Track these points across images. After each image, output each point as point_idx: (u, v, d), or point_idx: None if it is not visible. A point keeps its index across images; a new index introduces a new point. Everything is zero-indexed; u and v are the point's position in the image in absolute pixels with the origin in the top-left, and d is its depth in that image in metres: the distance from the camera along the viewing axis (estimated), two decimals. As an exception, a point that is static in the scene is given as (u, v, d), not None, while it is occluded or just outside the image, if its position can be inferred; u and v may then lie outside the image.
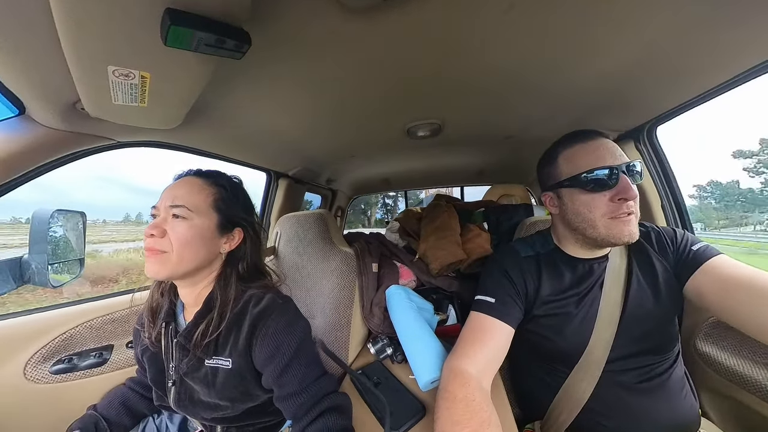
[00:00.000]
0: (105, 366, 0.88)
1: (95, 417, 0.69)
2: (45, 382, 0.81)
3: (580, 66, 0.69)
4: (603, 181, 0.63)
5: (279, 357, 0.61)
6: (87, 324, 0.89)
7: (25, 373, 0.79)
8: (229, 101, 0.75)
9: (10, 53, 0.46)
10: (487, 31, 0.57)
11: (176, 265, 0.59)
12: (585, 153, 0.66)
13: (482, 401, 0.56)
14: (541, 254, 0.77)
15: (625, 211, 0.62)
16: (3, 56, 0.46)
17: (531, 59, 0.66)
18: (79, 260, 1.05)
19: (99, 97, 0.55)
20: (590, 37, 0.59)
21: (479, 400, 0.56)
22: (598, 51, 0.64)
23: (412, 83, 0.74)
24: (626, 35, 0.59)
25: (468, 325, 0.71)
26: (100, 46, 0.44)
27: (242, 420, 0.68)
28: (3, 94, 0.54)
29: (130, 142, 0.79)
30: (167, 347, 0.66)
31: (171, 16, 0.40)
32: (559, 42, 0.60)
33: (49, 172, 0.71)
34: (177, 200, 0.61)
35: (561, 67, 0.69)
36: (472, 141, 1.24)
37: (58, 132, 0.65)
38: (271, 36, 0.53)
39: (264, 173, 1.43)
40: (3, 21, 0.41)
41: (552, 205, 0.75)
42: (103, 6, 0.38)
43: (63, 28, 0.40)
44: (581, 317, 0.69)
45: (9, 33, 0.43)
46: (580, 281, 0.72)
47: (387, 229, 1.61)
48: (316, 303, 1.03)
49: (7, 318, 0.82)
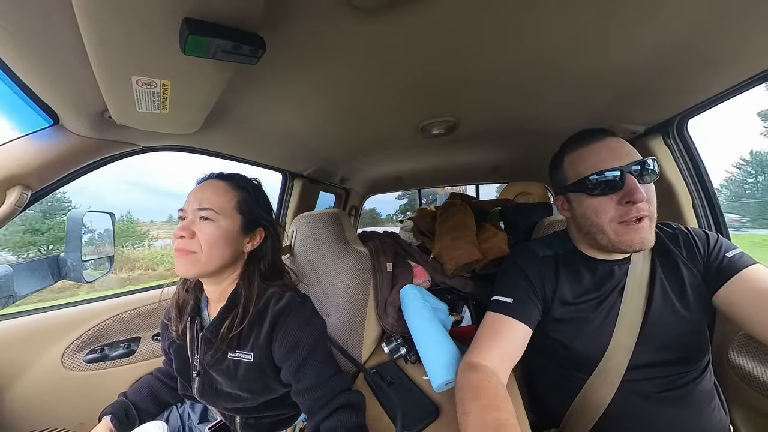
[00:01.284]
0: (133, 356, 0.94)
1: (125, 403, 0.74)
2: (80, 370, 0.88)
3: (604, 58, 0.65)
4: (609, 184, 0.60)
5: (297, 353, 0.63)
6: (117, 317, 0.95)
7: (63, 362, 0.86)
8: (246, 105, 0.76)
9: (44, 68, 0.49)
10: (503, 26, 0.55)
11: (205, 264, 0.63)
12: (587, 155, 0.64)
13: (497, 383, 0.57)
14: (560, 255, 0.74)
15: (635, 216, 0.59)
16: (37, 71, 0.50)
17: (551, 52, 0.63)
18: (109, 257, 1.12)
19: (124, 106, 0.58)
20: (615, 27, 0.56)
21: (494, 382, 0.57)
22: (624, 42, 0.60)
23: (426, 81, 0.73)
24: (655, 24, 0.55)
25: (484, 324, 0.70)
26: (124, 58, 0.46)
27: (260, 411, 0.71)
28: (38, 105, 0.58)
29: (153, 147, 0.83)
30: (192, 340, 0.70)
31: (189, 25, 0.41)
32: (581, 34, 0.57)
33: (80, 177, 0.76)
34: (204, 203, 0.64)
35: (583, 60, 0.66)
36: (488, 138, 1.21)
37: (88, 140, 0.69)
38: (284, 40, 0.54)
39: (280, 174, 1.45)
40: (36, 39, 0.44)
41: (564, 209, 0.73)
42: (125, 20, 0.39)
43: (89, 43, 0.42)
44: (599, 322, 0.66)
45: (42, 50, 0.46)
46: (599, 284, 0.69)
47: (401, 228, 1.61)
48: (331, 301, 1.04)
49: (46, 311, 0.89)
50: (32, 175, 0.67)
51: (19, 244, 12.73)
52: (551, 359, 0.74)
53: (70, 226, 0.96)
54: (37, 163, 0.66)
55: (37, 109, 0.59)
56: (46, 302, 0.97)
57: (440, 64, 0.66)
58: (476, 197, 2.12)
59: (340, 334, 0.97)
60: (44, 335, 0.85)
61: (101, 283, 1.04)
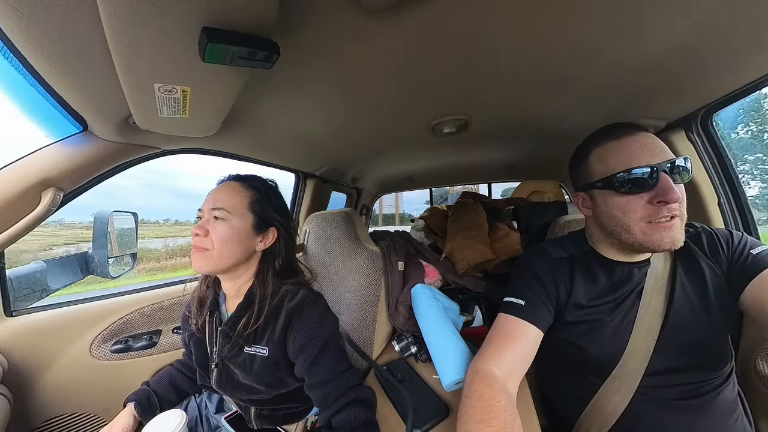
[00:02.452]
0: (154, 348, 1.00)
1: (148, 392, 0.78)
2: (106, 360, 0.93)
3: (622, 49, 0.62)
4: (640, 182, 0.57)
5: (310, 348, 0.65)
6: (140, 311, 1.00)
7: (91, 351, 0.92)
8: (260, 108, 0.78)
9: (74, 78, 0.52)
10: (516, 22, 0.54)
11: (217, 261, 0.66)
12: (619, 150, 0.60)
13: (507, 404, 0.54)
14: (575, 256, 0.72)
15: (666, 215, 0.56)
16: (68, 81, 0.53)
17: (566, 47, 0.61)
18: (132, 255, 1.19)
19: (147, 112, 0.61)
20: (633, 17, 0.53)
21: (504, 403, 0.54)
22: (643, 32, 0.57)
23: (436, 80, 0.72)
24: (677, 11, 0.52)
25: (495, 327, 0.69)
26: (147, 66, 0.48)
27: (274, 404, 0.74)
28: (69, 113, 0.62)
29: (174, 150, 0.86)
30: (211, 334, 0.73)
31: (208, 34, 0.43)
32: (597, 25, 0.55)
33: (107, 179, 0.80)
34: (217, 203, 0.67)
35: (600, 52, 0.63)
36: (501, 135, 1.19)
37: (114, 144, 0.73)
38: (297, 44, 0.55)
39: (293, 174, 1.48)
40: (67, 51, 0.46)
41: (585, 207, 0.70)
42: (149, 31, 0.41)
43: (116, 53, 0.45)
44: (615, 325, 0.64)
45: (72, 61, 0.49)
46: (616, 287, 0.66)
47: (412, 227, 1.61)
48: (343, 299, 1.06)
49: (76, 304, 0.95)
50: (64, 177, 0.72)
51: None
52: (565, 363, 0.72)
53: (96, 225, 1.01)
54: (69, 166, 0.70)
55: (68, 116, 0.63)
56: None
57: (451, 63, 0.65)
58: (488, 196, 2.09)
59: (351, 331, 0.98)
60: (75, 326, 0.91)
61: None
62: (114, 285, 1.21)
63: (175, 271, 11.64)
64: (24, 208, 0.70)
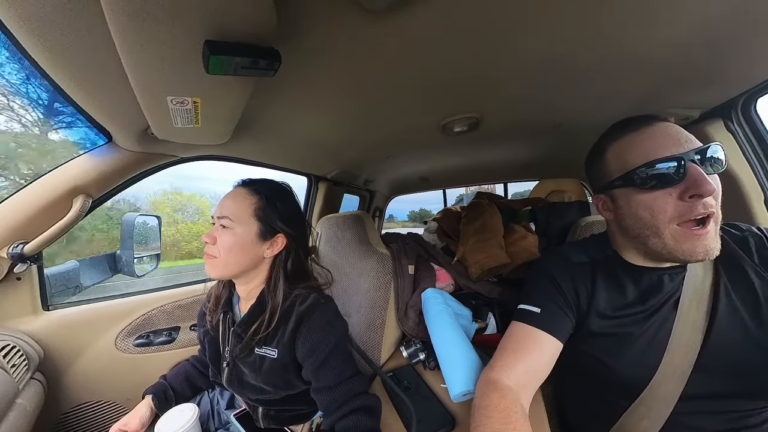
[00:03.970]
0: (173, 343, 1.05)
1: (165, 385, 0.82)
2: (129, 353, 1.00)
3: (648, 34, 0.57)
4: (666, 176, 0.50)
5: (318, 352, 0.66)
6: (160, 308, 1.07)
7: (116, 344, 0.99)
8: (270, 114, 0.80)
9: (97, 95, 0.57)
10: (529, 12, 0.51)
11: (223, 268, 0.68)
12: (638, 142, 0.54)
13: (523, 415, 0.51)
14: (597, 261, 0.66)
15: (701, 212, 0.49)
16: (92, 98, 0.57)
17: (583, 34, 0.57)
18: (156, 255, 1.26)
19: (163, 123, 0.64)
20: None
21: (520, 413, 0.51)
22: (672, 14, 0.52)
23: (444, 78, 0.70)
24: None
25: (508, 336, 0.65)
26: (159, 80, 0.51)
27: (281, 405, 0.75)
28: (95, 127, 0.67)
29: (190, 157, 0.91)
30: (224, 333, 0.75)
31: (210, 46, 0.44)
32: (617, 9, 0.51)
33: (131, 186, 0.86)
34: (223, 211, 0.69)
35: (623, 40, 0.58)
36: (516, 133, 1.14)
37: (136, 153, 0.78)
38: (300, 50, 0.56)
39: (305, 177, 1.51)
40: (88, 72, 0.50)
41: (605, 209, 0.63)
42: (156, 47, 0.43)
43: (129, 69, 0.47)
44: (647, 341, 0.57)
45: (95, 80, 0.53)
46: (645, 296, 0.59)
47: (425, 229, 1.58)
48: (353, 302, 1.06)
49: (104, 300, 1.02)
50: (92, 185, 0.78)
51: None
52: (585, 379, 0.66)
53: (124, 228, 1.09)
54: (96, 175, 0.76)
55: (94, 129, 0.68)
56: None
57: (460, 60, 0.63)
58: (504, 196, 2.02)
59: (360, 335, 0.98)
60: (102, 321, 0.98)
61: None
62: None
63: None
64: (58, 214, 0.76)
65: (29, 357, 0.77)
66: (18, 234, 0.75)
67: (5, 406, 0.64)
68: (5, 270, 0.78)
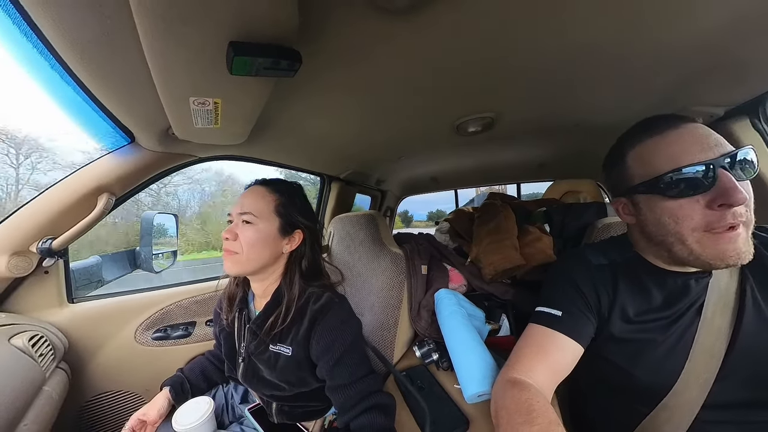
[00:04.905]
0: (189, 338, 1.08)
1: (182, 378, 0.84)
2: (148, 345, 1.03)
3: (671, 28, 0.54)
4: (693, 182, 0.48)
5: (332, 351, 0.66)
6: (177, 303, 1.09)
7: (135, 337, 1.02)
8: (286, 115, 0.81)
9: (123, 97, 0.59)
10: (544, 7, 0.49)
11: (245, 263, 0.69)
12: (663, 147, 0.52)
13: (547, 404, 0.50)
14: (618, 263, 0.63)
15: (730, 222, 0.47)
16: (117, 99, 0.59)
17: (604, 30, 0.55)
18: (173, 252, 1.29)
19: (184, 123, 0.66)
20: None
21: (544, 402, 0.50)
22: (696, 7, 0.49)
23: (459, 77, 0.69)
24: None
25: (526, 337, 0.63)
26: (182, 81, 0.52)
27: (294, 401, 0.76)
28: (119, 127, 0.69)
29: (209, 157, 0.93)
30: (240, 330, 0.77)
31: (234, 48, 0.45)
32: (639, 2, 0.49)
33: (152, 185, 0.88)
34: (245, 207, 0.70)
35: (644, 34, 0.56)
36: (531, 132, 1.11)
37: (157, 153, 0.80)
38: (318, 51, 0.56)
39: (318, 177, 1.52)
40: (115, 73, 0.52)
41: (626, 214, 0.61)
42: (182, 49, 0.44)
43: (155, 71, 0.49)
44: (669, 346, 0.56)
45: (121, 81, 0.54)
46: (670, 301, 0.57)
47: (436, 229, 1.57)
48: (366, 301, 1.06)
49: (124, 294, 1.06)
50: (116, 184, 0.80)
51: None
52: (605, 385, 0.64)
53: (143, 226, 1.12)
54: (119, 174, 0.79)
55: (118, 130, 0.70)
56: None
57: (475, 58, 0.62)
58: (518, 197, 1.99)
59: (373, 334, 0.98)
60: (123, 314, 1.02)
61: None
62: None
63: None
64: (84, 211, 0.79)
65: (55, 347, 0.81)
66: (46, 230, 0.78)
67: (33, 393, 0.67)
68: (34, 264, 0.81)
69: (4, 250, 0.76)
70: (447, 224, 1.51)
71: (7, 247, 0.76)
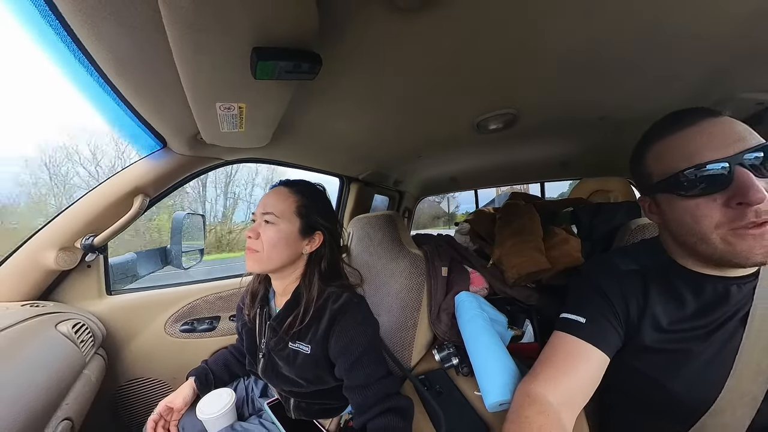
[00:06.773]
0: (214, 331, 1.14)
1: (206, 369, 0.88)
2: (176, 337, 1.10)
3: (708, 8, 0.51)
4: (709, 180, 0.46)
5: (351, 351, 0.67)
6: (203, 298, 1.16)
7: (165, 329, 1.09)
8: (306, 118, 0.83)
9: (157, 105, 0.63)
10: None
11: (266, 262, 0.71)
12: (678, 145, 0.49)
13: None
14: (649, 268, 0.59)
15: (752, 221, 0.43)
16: (151, 108, 0.63)
17: (632, 14, 0.51)
18: (200, 250, 1.36)
19: (211, 128, 0.69)
20: None
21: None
22: None
23: (480, 74, 0.67)
24: None
25: (551, 346, 0.60)
26: (210, 87, 0.54)
27: (312, 398, 0.77)
28: (153, 134, 0.73)
29: (234, 160, 0.98)
30: (261, 326, 0.79)
31: (258, 53, 0.46)
32: None
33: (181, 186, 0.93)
34: (267, 208, 0.72)
35: (676, 16, 0.52)
36: (555, 128, 1.06)
37: (187, 157, 0.85)
38: (338, 53, 0.56)
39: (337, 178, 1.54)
40: (149, 85, 0.56)
41: (652, 213, 0.58)
42: (209, 57, 0.46)
43: (184, 79, 0.51)
44: (708, 358, 0.51)
45: (154, 92, 0.58)
46: (708, 309, 0.52)
47: (456, 230, 1.54)
48: (384, 302, 1.06)
49: (156, 289, 1.13)
50: (150, 186, 0.86)
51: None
52: (636, 399, 0.60)
53: (174, 225, 1.19)
54: (153, 177, 0.84)
55: (152, 136, 0.75)
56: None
57: (496, 54, 0.60)
58: (541, 197, 1.91)
59: (390, 335, 0.98)
60: (154, 307, 1.09)
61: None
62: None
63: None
64: (122, 211, 0.86)
65: (95, 334, 0.88)
66: (89, 228, 0.85)
67: (74, 375, 0.73)
68: (78, 258, 0.88)
69: (53, 246, 0.83)
70: (467, 225, 1.47)
71: (56, 243, 0.84)
